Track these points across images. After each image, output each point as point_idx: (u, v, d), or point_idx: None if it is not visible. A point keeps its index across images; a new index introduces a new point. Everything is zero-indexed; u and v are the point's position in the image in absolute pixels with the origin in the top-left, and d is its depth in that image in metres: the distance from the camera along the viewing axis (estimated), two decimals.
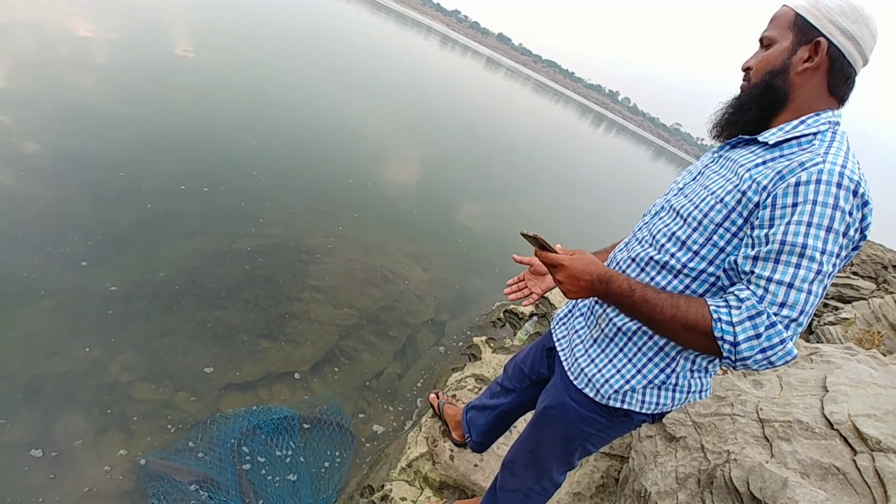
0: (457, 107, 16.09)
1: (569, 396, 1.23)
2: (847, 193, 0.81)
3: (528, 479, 1.42)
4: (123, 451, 1.91)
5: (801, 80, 0.95)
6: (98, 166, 3.69)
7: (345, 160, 6.18)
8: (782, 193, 0.85)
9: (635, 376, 1.11)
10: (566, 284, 0.98)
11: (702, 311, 0.86)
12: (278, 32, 14.65)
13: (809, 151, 0.87)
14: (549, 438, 1.32)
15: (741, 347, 0.81)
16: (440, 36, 76.01)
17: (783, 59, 0.96)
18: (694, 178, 1.10)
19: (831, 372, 1.87)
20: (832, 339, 6.36)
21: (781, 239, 0.82)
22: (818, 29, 0.92)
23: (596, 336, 1.18)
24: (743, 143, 1.02)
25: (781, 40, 0.97)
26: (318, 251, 3.73)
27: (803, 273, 0.81)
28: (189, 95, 6.07)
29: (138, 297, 2.65)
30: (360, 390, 2.64)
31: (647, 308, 0.91)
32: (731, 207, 0.93)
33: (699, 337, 0.86)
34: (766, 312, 0.81)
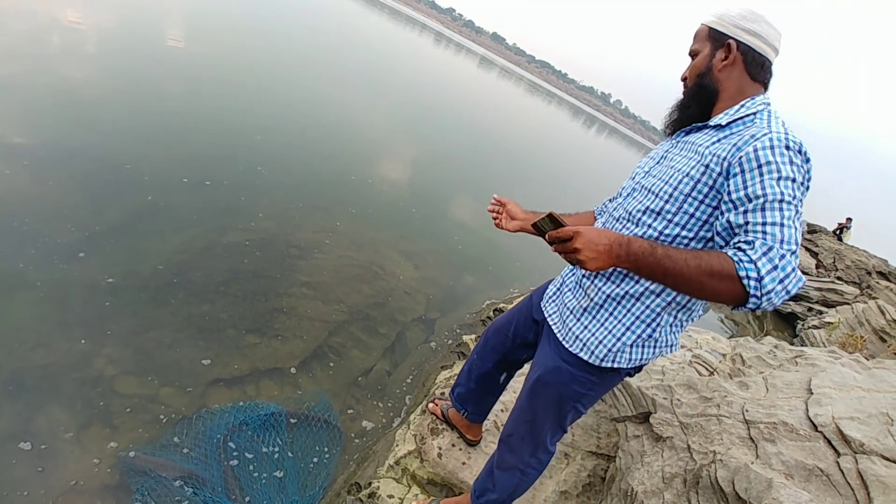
0: (450, 105, 16.07)
1: (561, 359, 1.37)
2: (795, 152, 1.01)
3: (524, 452, 1.53)
4: (107, 445, 1.88)
5: (724, 76, 1.19)
6: (105, 158, 3.69)
7: (340, 157, 6.16)
8: (746, 160, 1.02)
9: (625, 333, 1.26)
10: (585, 252, 0.98)
11: (722, 257, 0.96)
12: (272, 28, 14.52)
13: (755, 126, 1.08)
14: (543, 404, 1.44)
15: (765, 281, 0.91)
16: (434, 33, 75.81)
17: (706, 63, 1.20)
18: (658, 161, 1.28)
19: (816, 375, 1.90)
20: (816, 343, 6.46)
21: (761, 193, 0.98)
22: (727, 34, 1.18)
23: (586, 305, 1.32)
24: (696, 129, 1.23)
25: (703, 49, 1.22)
26: (309, 247, 3.71)
27: (787, 213, 0.97)
28: (197, 89, 6.07)
29: (125, 289, 2.61)
30: (348, 387, 2.62)
31: (670, 263, 0.97)
32: (697, 179, 1.12)
33: (724, 282, 0.94)
34: (774, 247, 0.93)
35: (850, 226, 13.46)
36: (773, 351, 2.57)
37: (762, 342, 2.81)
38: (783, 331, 7.74)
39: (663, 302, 1.22)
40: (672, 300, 1.22)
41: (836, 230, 13.43)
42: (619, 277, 1.26)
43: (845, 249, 11.17)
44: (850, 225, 13.49)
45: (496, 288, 4.49)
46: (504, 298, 4.21)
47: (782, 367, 2.22)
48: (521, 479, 1.58)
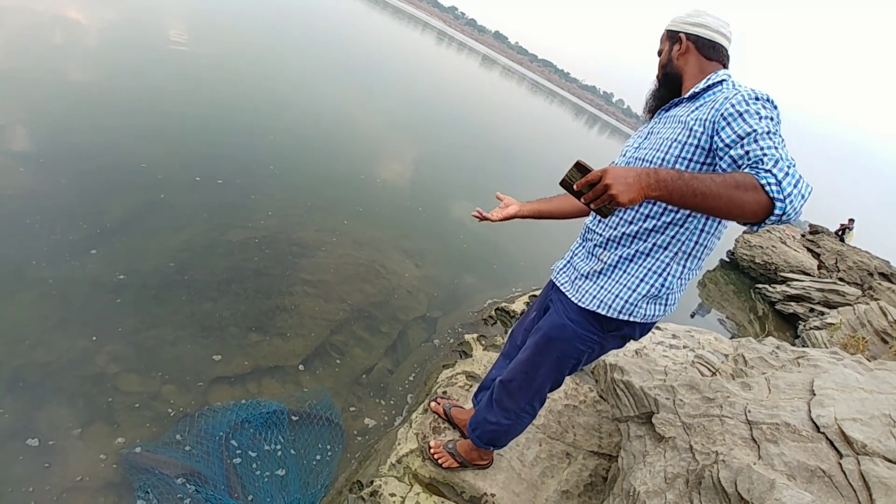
0: (451, 105, 16.05)
1: (568, 319, 1.50)
2: (764, 101, 1.19)
3: (521, 399, 1.69)
4: (109, 443, 1.89)
5: (682, 62, 1.43)
6: (122, 157, 3.77)
7: (345, 156, 6.20)
8: (727, 113, 1.18)
9: (639, 285, 1.39)
10: (616, 186, 0.99)
11: (742, 173, 1.05)
12: (277, 28, 14.52)
13: (725, 91, 1.27)
14: (546, 359, 1.57)
15: (784, 184, 1.00)
16: (436, 32, 75.73)
17: (667, 56, 1.46)
18: (645, 137, 1.46)
19: (818, 376, 1.89)
20: (818, 344, 6.45)
21: (750, 129, 1.12)
22: (678, 31, 1.44)
23: (599, 269, 1.46)
24: (674, 105, 1.43)
25: (664, 47, 1.48)
26: (312, 245, 3.71)
27: (777, 139, 1.11)
28: (210, 90, 6.17)
29: (132, 287, 2.62)
30: (350, 385, 2.62)
31: (698, 183, 1.01)
32: (683, 141, 1.28)
33: (749, 192, 1.01)
34: (779, 160, 1.04)
35: (853, 227, 13.43)
36: (776, 352, 2.56)
37: (764, 343, 2.80)
38: (785, 331, 7.74)
39: (671, 253, 1.37)
40: (678, 250, 1.37)
41: (839, 231, 13.40)
42: (628, 240, 1.41)
43: (847, 250, 11.15)
44: (852, 226, 13.45)
45: (498, 287, 4.49)
46: (506, 298, 4.20)
47: (784, 368, 2.21)
48: (514, 421, 1.75)
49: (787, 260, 10.41)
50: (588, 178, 1.00)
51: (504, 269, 5.14)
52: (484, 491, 1.94)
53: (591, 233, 1.53)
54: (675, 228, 1.35)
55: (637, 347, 2.75)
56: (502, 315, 3.72)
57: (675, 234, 1.35)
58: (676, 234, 1.35)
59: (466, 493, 1.96)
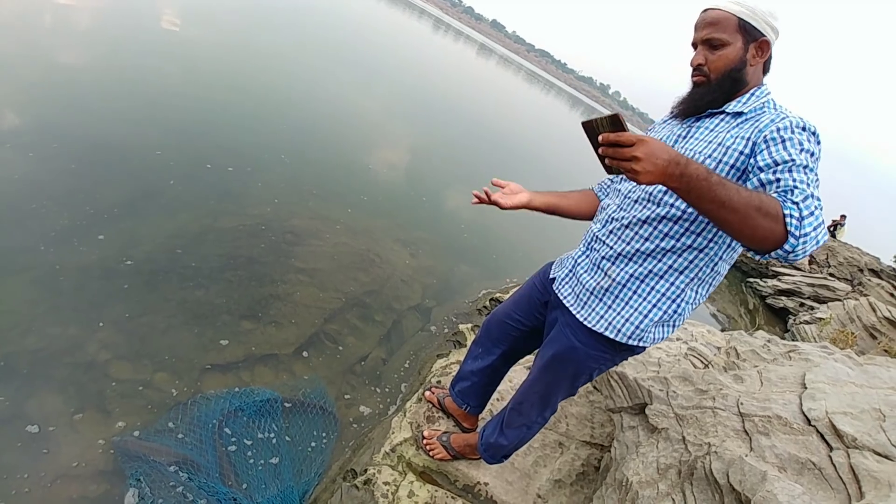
0: (448, 94, 15.93)
1: (577, 341, 1.42)
2: (810, 133, 1.11)
3: (533, 414, 1.65)
4: (101, 431, 1.87)
5: (752, 70, 1.23)
6: (138, 146, 3.80)
7: (340, 146, 6.13)
8: (770, 137, 1.10)
9: (652, 311, 1.31)
10: (644, 163, 0.91)
11: (769, 196, 0.98)
12: (279, 19, 14.30)
13: (770, 113, 1.17)
14: (558, 379, 1.52)
15: (805, 222, 0.94)
16: (433, 19, 74.93)
17: (740, 57, 1.21)
18: (674, 144, 1.30)
19: (810, 370, 1.91)
20: (807, 338, 6.53)
21: (789, 158, 1.05)
22: (760, 31, 1.19)
23: (607, 286, 1.35)
24: (709, 116, 1.27)
25: (734, 42, 1.20)
26: (306, 233, 3.68)
27: (811, 178, 1.03)
28: (221, 80, 6.29)
29: (137, 272, 2.60)
30: (344, 374, 2.62)
31: (723, 190, 0.94)
32: (718, 159, 1.18)
33: (768, 219, 0.94)
34: (809, 197, 0.98)
35: (844, 223, 13.55)
36: (767, 345, 2.58)
37: (755, 336, 2.82)
38: (775, 325, 7.82)
39: (686, 279, 1.28)
40: (695, 276, 1.28)
41: (831, 227, 13.52)
42: (641, 258, 1.30)
43: (838, 246, 11.25)
44: (843, 222, 13.57)
45: (492, 278, 4.49)
46: (500, 288, 4.21)
47: (776, 362, 2.23)
48: (526, 433, 1.71)
49: None
50: (619, 138, 0.91)
51: (498, 259, 5.14)
52: (477, 480, 1.95)
53: (598, 242, 1.41)
54: (694, 253, 1.26)
55: None
56: (496, 305, 3.72)
57: (693, 258, 1.26)
58: (695, 260, 1.26)
59: (460, 482, 1.96)
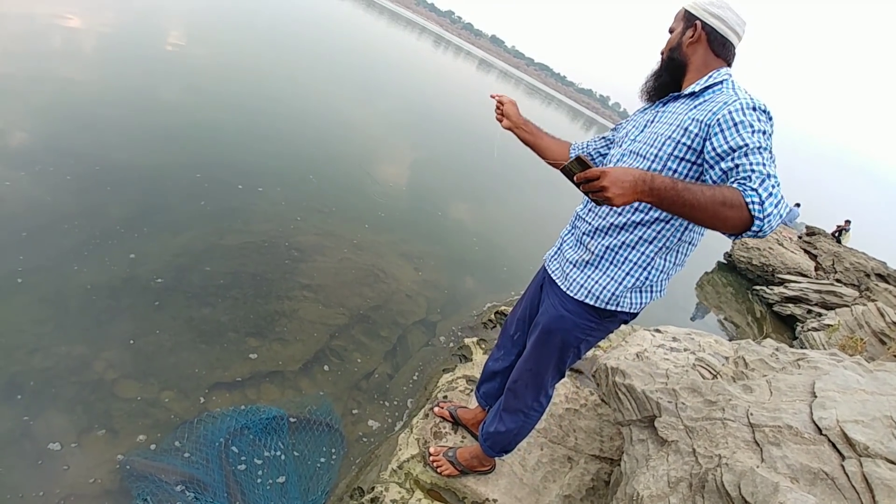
0: (451, 107, 16.07)
1: (564, 309, 1.54)
2: (760, 111, 1.21)
3: (528, 396, 1.72)
4: (107, 450, 1.87)
5: (691, 51, 1.40)
6: (142, 165, 3.86)
7: (344, 161, 6.19)
8: (723, 120, 1.20)
9: (625, 278, 1.44)
10: (612, 189, 1.05)
11: (730, 188, 1.09)
12: (284, 35, 14.52)
13: (724, 94, 1.28)
14: (547, 352, 1.61)
15: (766, 204, 1.06)
16: (434, 36, 75.90)
17: (678, 39, 1.42)
18: (641, 130, 1.46)
19: (819, 378, 1.89)
20: (816, 345, 6.45)
21: (742, 143, 1.15)
22: (696, 16, 1.38)
23: (587, 259, 1.50)
24: (672, 100, 1.43)
25: (678, 28, 1.43)
26: (310, 249, 3.70)
27: (767, 155, 1.14)
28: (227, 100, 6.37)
29: (125, 292, 2.60)
30: (350, 390, 2.61)
31: (689, 195, 1.07)
32: (677, 140, 1.31)
33: (734, 210, 1.06)
34: (766, 178, 1.09)
35: (849, 228, 13.51)
36: (776, 354, 2.56)
37: (763, 345, 2.80)
38: (783, 333, 7.75)
39: (655, 248, 1.41)
40: (662, 245, 1.41)
41: (835, 232, 13.47)
42: (615, 231, 1.44)
43: (844, 252, 11.18)
44: (848, 227, 13.53)
45: (497, 290, 4.48)
46: (505, 301, 4.20)
47: (785, 370, 2.21)
48: (524, 421, 1.77)
49: (785, 261, 10.44)
50: (587, 174, 1.06)
51: (503, 271, 5.14)
52: (486, 496, 1.93)
53: (579, 220, 1.57)
54: (661, 224, 1.39)
55: (638, 350, 2.75)
56: (501, 318, 3.71)
57: (660, 229, 1.39)
58: (662, 230, 1.39)
59: (468, 499, 1.94)
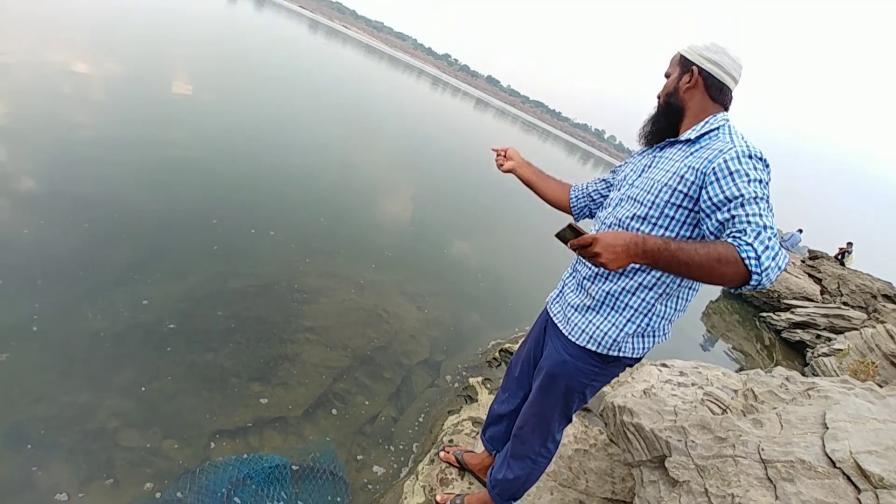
0: (449, 145, 16.39)
1: (567, 354, 1.52)
2: (756, 160, 1.20)
3: (535, 442, 1.69)
4: (112, 500, 1.84)
5: (688, 96, 1.39)
6: (146, 211, 3.93)
7: (345, 202, 6.26)
8: (719, 169, 1.20)
9: (626, 325, 1.42)
10: (604, 255, 1.09)
11: (724, 244, 1.09)
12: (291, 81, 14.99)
13: (720, 141, 1.28)
14: (552, 397, 1.59)
15: (762, 259, 1.06)
16: (431, 78, 78.21)
17: (674, 84, 1.42)
18: (639, 175, 1.46)
19: (830, 408, 1.86)
20: (827, 371, 6.35)
21: (738, 193, 1.15)
22: (692, 61, 1.38)
23: (588, 304, 1.48)
24: (669, 145, 1.42)
25: (674, 73, 1.43)
26: (313, 291, 3.71)
27: (763, 205, 1.14)
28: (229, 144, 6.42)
29: (128, 339, 2.60)
30: (354, 435, 2.57)
31: (683, 254, 1.09)
32: (674, 187, 1.30)
33: (730, 265, 1.07)
34: (762, 231, 1.09)
35: (851, 250, 13.48)
36: (785, 384, 2.52)
37: (773, 374, 2.76)
38: (793, 360, 7.63)
39: (655, 294, 1.40)
40: (662, 292, 1.40)
41: (838, 255, 13.43)
42: (615, 276, 1.43)
43: (849, 274, 11.14)
44: (850, 249, 13.50)
45: (501, 327, 4.46)
46: (510, 338, 4.17)
47: (795, 402, 2.17)
48: (532, 467, 1.75)
49: (790, 287, 10.38)
50: (580, 241, 1.10)
51: (507, 307, 5.12)
52: None
53: (580, 263, 1.57)
54: (660, 270, 1.37)
55: (645, 387, 2.71)
56: (506, 356, 3.68)
57: (660, 275, 1.38)
58: (661, 276, 1.38)
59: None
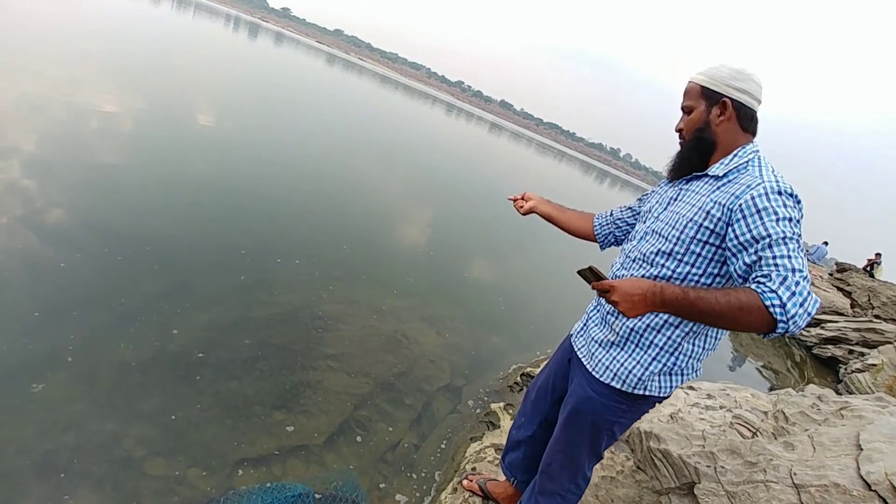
0: (465, 169, 16.54)
1: (592, 391, 1.47)
2: (786, 196, 1.15)
3: (564, 479, 1.63)
4: None
5: (721, 130, 1.32)
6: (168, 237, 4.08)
7: (364, 229, 6.37)
8: (746, 206, 1.15)
9: (652, 363, 1.37)
10: (623, 304, 1.11)
11: (747, 292, 1.05)
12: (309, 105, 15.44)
13: (748, 175, 1.22)
14: (579, 434, 1.53)
15: (788, 307, 1.01)
16: (446, 105, 79.60)
17: (703, 119, 1.33)
18: (665, 208, 1.42)
19: (864, 428, 1.80)
20: (862, 388, 6.10)
21: (766, 233, 1.10)
22: (720, 93, 1.30)
23: (612, 339, 1.43)
24: (696, 178, 1.37)
25: (698, 106, 1.34)
26: (333, 318, 3.75)
27: (791, 246, 1.08)
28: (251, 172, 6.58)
29: (154, 368, 2.66)
30: (376, 463, 2.56)
31: (703, 304, 1.07)
32: (699, 223, 1.26)
33: (754, 313, 1.03)
34: (788, 276, 1.04)
35: (881, 261, 13.07)
36: (817, 404, 2.45)
37: (804, 394, 2.68)
38: (825, 377, 7.36)
39: (682, 332, 1.34)
40: (689, 330, 1.34)
41: (867, 266, 13.04)
42: None
43: (879, 286, 10.76)
44: (879, 260, 13.10)
45: (522, 350, 4.43)
46: (531, 362, 4.13)
47: (828, 422, 2.11)
48: (562, 503, 1.67)
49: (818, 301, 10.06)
50: (600, 286, 1.13)
51: (529, 330, 5.09)
52: None
53: None
54: None
55: (672, 411, 2.65)
56: (528, 380, 3.64)
57: None
58: None
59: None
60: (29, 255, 3.19)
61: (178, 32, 23.83)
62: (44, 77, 7.25)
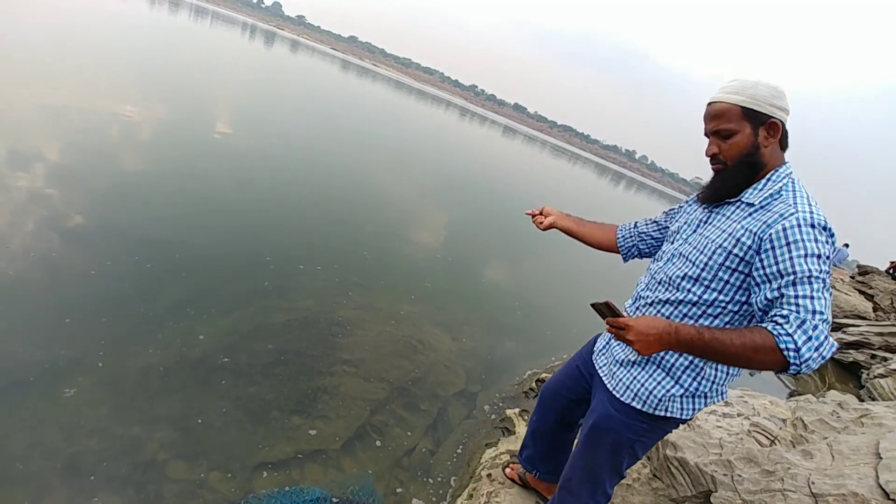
0: (479, 172, 16.56)
1: (613, 409, 1.46)
2: (819, 230, 1.12)
3: (583, 494, 1.61)
4: None
5: (768, 151, 1.26)
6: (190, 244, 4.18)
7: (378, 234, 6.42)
8: (776, 236, 1.13)
9: (674, 386, 1.35)
10: (638, 343, 1.13)
11: (762, 333, 1.06)
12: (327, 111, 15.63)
13: (782, 202, 1.18)
14: (600, 451, 1.52)
15: (802, 351, 1.02)
16: (459, 109, 79.78)
17: (752, 142, 1.25)
18: (694, 230, 1.38)
19: (883, 436, 1.78)
20: (884, 394, 5.96)
21: (791, 270, 1.09)
22: (766, 114, 1.23)
23: (633, 358, 1.42)
24: (727, 203, 1.32)
25: (742, 129, 1.25)
26: (350, 323, 3.80)
27: (816, 286, 1.07)
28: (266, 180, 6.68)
29: (176, 373, 2.73)
30: (392, 468, 2.59)
31: (718, 345, 1.08)
32: (729, 250, 1.23)
33: (768, 355, 1.04)
34: (807, 319, 1.04)
35: None
36: (837, 411, 2.41)
37: (824, 401, 2.64)
38: (847, 382, 7.19)
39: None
40: None
41: (889, 269, 12.73)
42: None
43: None
44: None
45: (536, 357, 4.43)
46: (546, 367, 4.13)
47: (847, 430, 2.08)
48: None
49: (840, 304, 9.86)
50: (616, 323, 1.16)
51: (545, 335, 5.08)
52: None
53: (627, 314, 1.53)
54: None
55: None
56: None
57: None
58: None
59: None
60: (61, 263, 3.31)
61: (197, 42, 24.35)
62: (68, 85, 7.47)
